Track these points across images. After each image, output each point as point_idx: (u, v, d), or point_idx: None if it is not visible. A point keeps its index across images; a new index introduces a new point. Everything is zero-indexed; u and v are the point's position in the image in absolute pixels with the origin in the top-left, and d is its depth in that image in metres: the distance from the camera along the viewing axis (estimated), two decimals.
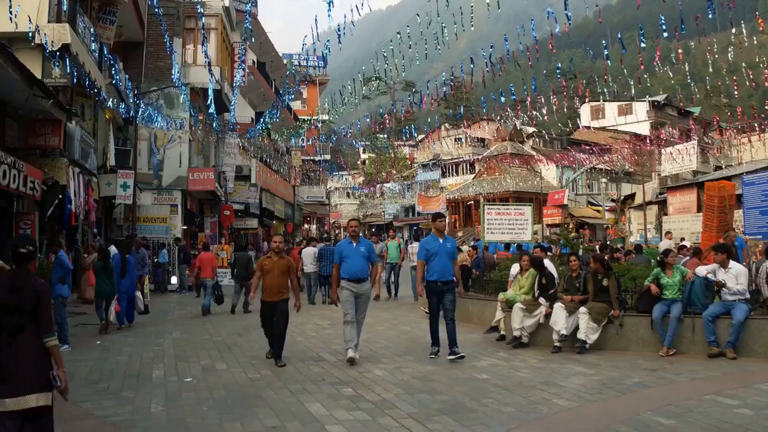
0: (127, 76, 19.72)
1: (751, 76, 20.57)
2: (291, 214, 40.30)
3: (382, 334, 10.32)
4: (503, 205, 16.63)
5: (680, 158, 28.89)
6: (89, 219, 16.57)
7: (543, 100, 21.27)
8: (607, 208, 38.88)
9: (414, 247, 16.65)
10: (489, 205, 15.93)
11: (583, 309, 8.48)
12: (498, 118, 27.29)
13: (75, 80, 14.73)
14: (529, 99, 19.20)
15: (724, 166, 28.30)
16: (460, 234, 41.93)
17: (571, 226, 35.35)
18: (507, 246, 16.81)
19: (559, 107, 23.12)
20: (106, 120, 19.46)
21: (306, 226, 54.26)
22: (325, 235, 44.97)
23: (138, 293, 12.48)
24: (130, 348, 9.32)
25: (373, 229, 57.16)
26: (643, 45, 12.43)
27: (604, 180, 42.60)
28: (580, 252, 13.43)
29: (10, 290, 3.86)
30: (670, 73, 21.22)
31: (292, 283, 8.04)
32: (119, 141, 20.72)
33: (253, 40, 22.20)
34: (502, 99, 18.48)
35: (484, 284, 12.04)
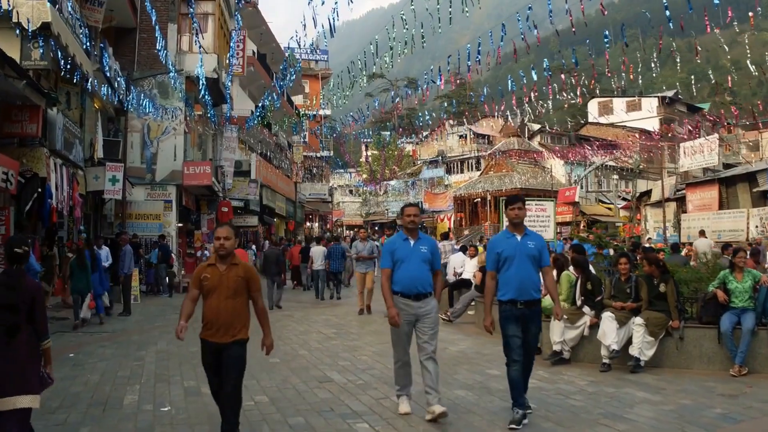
0: (117, 63, 18.47)
1: (755, 72, 19.64)
2: (292, 211, 39.00)
3: None
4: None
5: (700, 153, 27.53)
6: (74, 215, 15.31)
7: (546, 93, 20.43)
8: (620, 205, 37.52)
9: (446, 245, 15.23)
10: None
11: (638, 320, 7.17)
12: (502, 111, 26.07)
13: (57, 64, 13.54)
14: (526, 96, 18.21)
15: (753, 163, 26.92)
16: (466, 233, 40.64)
17: (582, 225, 34.09)
18: None
19: (563, 103, 22.19)
20: (95, 110, 18.17)
21: (308, 224, 52.98)
22: (327, 234, 43.74)
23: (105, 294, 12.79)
24: (104, 364, 8.02)
25: (376, 228, 55.90)
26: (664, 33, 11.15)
27: (615, 176, 41.14)
28: (610, 251, 12.16)
29: (6, 289, 3.88)
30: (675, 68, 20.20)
31: (256, 306, 4.82)
32: (110, 133, 19.44)
33: (242, 5, 20.89)
34: (500, 90, 17.60)
35: None
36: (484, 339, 9.57)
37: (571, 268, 8.31)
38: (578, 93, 21.15)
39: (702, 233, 20.63)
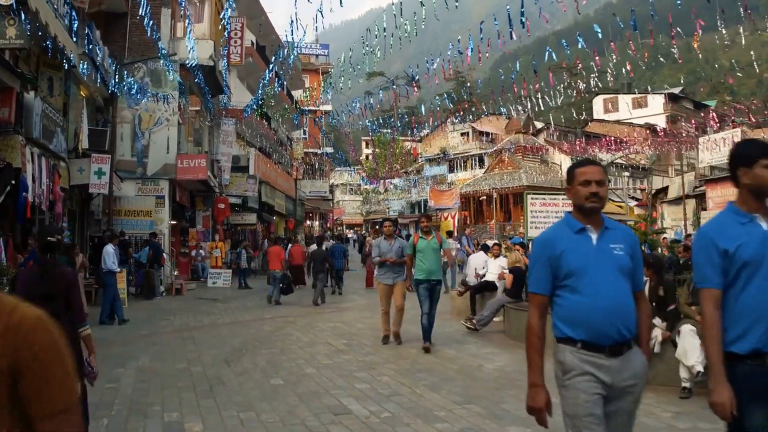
0: (106, 48, 17.12)
1: (757, 71, 19.03)
2: (292, 209, 37.63)
3: (420, 362, 7.64)
4: (549, 194, 14.03)
5: (722, 148, 26.21)
6: (55, 210, 13.94)
7: (546, 89, 19.57)
8: (634, 204, 36.25)
9: (451, 244, 13.17)
10: (533, 195, 13.29)
11: None
12: (502, 106, 24.92)
13: (37, 45, 12.25)
14: (526, 91, 17.24)
15: None
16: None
17: None
18: None
19: (564, 100, 21.46)
20: (82, 98, 16.80)
21: (308, 222, 51.63)
22: (328, 233, 42.46)
23: None
24: None
25: (377, 227, 54.61)
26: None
27: (626, 174, 39.86)
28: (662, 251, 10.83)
29: (41, 279, 3.97)
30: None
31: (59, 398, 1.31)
32: (98, 123, 18.07)
33: None
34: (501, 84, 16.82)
35: None
36: (521, 353, 8.22)
37: None
38: (576, 91, 20.26)
39: None
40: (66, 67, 13.17)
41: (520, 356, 7.97)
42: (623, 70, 17.18)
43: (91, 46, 14.98)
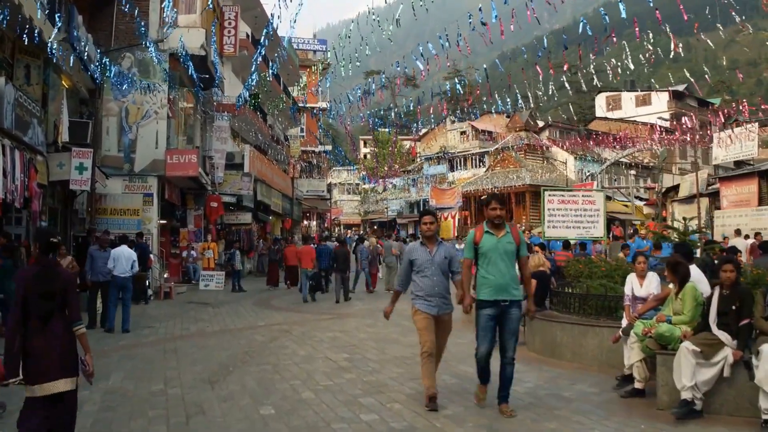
0: (90, 35, 16.03)
1: (761, 70, 18.42)
2: (289, 208, 36.57)
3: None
4: (569, 191, 13.01)
5: (738, 143, 25.22)
6: (31, 208, 12.84)
7: (546, 88, 18.78)
8: (641, 203, 35.23)
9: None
10: (551, 191, 12.25)
11: None
12: (503, 105, 23.90)
13: (11, 29, 11.20)
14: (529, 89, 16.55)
15: None
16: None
17: None
18: (566, 244, 13.13)
19: (563, 100, 20.76)
20: (63, 88, 15.70)
21: (305, 222, 50.57)
22: (325, 233, 41.53)
23: None
24: None
25: (375, 227, 53.61)
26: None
27: (632, 172, 38.86)
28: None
29: (42, 278, 4.01)
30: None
31: None
32: (84, 117, 16.96)
33: None
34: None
35: (574, 300, 8.22)
36: (549, 371, 7.18)
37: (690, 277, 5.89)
38: (571, 89, 19.49)
39: (738, 232, 18.78)
40: (26, 42, 12.05)
41: (549, 375, 6.93)
42: (612, 68, 16.53)
43: (73, 33, 13.94)
